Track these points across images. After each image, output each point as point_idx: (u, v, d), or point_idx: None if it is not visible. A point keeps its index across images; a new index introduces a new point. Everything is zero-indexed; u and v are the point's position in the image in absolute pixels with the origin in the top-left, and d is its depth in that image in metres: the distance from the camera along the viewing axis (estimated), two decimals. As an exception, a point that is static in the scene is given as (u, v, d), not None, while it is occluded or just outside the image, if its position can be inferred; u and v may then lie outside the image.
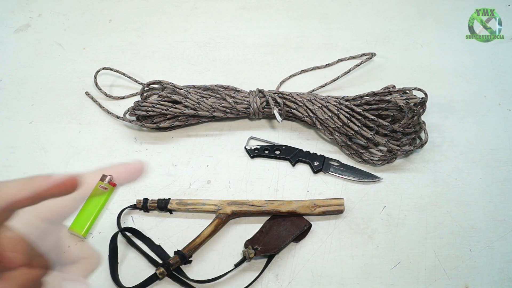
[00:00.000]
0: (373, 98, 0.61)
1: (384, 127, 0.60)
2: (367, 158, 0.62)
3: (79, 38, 0.78)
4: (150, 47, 0.77)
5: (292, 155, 0.64)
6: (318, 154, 0.64)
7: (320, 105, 0.62)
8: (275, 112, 0.62)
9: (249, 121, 0.68)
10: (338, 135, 0.62)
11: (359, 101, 0.62)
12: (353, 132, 0.61)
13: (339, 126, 0.61)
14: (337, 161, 0.64)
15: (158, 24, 0.79)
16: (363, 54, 0.71)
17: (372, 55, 0.71)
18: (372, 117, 0.60)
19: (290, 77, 0.72)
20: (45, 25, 0.80)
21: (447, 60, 0.73)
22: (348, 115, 0.61)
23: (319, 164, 0.63)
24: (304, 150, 0.64)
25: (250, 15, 0.80)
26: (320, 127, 0.63)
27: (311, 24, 0.78)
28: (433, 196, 0.61)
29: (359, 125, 0.60)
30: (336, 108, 0.62)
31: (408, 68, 0.72)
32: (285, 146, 0.64)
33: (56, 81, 0.73)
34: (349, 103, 0.62)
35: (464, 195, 0.61)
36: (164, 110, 0.64)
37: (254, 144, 0.65)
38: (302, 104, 0.63)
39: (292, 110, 0.64)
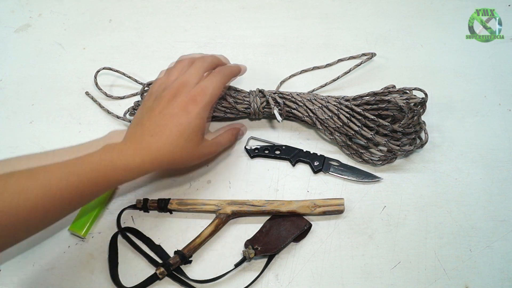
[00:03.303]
0: (373, 98, 0.61)
1: (384, 127, 0.60)
2: (367, 158, 0.62)
3: (79, 38, 0.78)
4: (150, 47, 0.77)
5: (292, 155, 0.64)
6: (318, 154, 0.64)
7: (320, 105, 0.62)
8: (275, 112, 0.62)
9: (249, 121, 0.68)
10: (338, 135, 0.62)
11: (359, 101, 0.62)
12: (353, 132, 0.61)
13: (339, 126, 0.61)
14: (337, 161, 0.64)
15: (158, 24, 0.79)
16: (363, 54, 0.71)
17: (372, 55, 0.71)
18: (372, 117, 0.60)
19: (290, 77, 0.72)
20: (45, 25, 0.80)
21: (447, 60, 0.73)
22: (348, 115, 0.61)
23: (319, 164, 0.63)
24: (304, 150, 0.64)
25: (250, 15, 0.80)
26: (320, 127, 0.63)
27: (311, 24, 0.78)
28: (433, 196, 0.61)
29: (359, 125, 0.60)
30: (336, 108, 0.62)
31: (408, 68, 0.72)
32: (285, 146, 0.64)
33: (56, 81, 0.73)
34: (349, 103, 0.62)
35: (464, 195, 0.61)
36: None
37: (254, 144, 0.65)
38: (302, 104, 0.63)
39: (292, 110, 0.64)
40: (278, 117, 0.63)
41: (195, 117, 0.54)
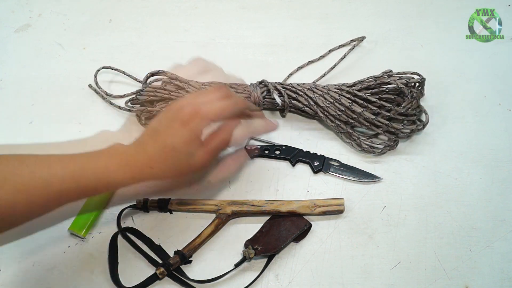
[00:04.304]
0: (374, 82, 0.62)
1: (386, 109, 0.60)
2: (366, 147, 0.62)
3: (79, 38, 0.78)
4: (150, 47, 0.77)
5: (292, 155, 0.64)
6: (318, 154, 0.64)
7: (320, 93, 0.63)
8: (275, 95, 0.63)
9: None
10: (339, 122, 0.62)
11: (360, 86, 0.63)
12: (355, 116, 0.61)
13: (340, 112, 0.61)
14: (337, 161, 0.64)
15: (158, 24, 0.79)
16: (352, 40, 0.72)
17: (362, 38, 0.72)
18: (374, 99, 0.60)
19: (288, 76, 0.71)
20: (45, 25, 0.80)
21: (447, 60, 0.73)
22: (350, 101, 0.61)
23: (319, 164, 0.63)
24: (304, 150, 0.64)
25: (250, 15, 0.80)
26: (321, 115, 0.62)
27: (311, 24, 0.78)
28: (433, 196, 0.61)
29: (362, 108, 0.61)
30: (338, 94, 0.62)
31: (408, 68, 0.72)
32: (285, 146, 0.64)
33: (56, 81, 0.73)
34: (350, 89, 0.62)
35: (464, 195, 0.61)
36: (166, 95, 0.63)
37: (254, 144, 0.65)
38: (302, 93, 0.63)
39: (293, 101, 0.64)
40: (278, 100, 0.63)
41: (198, 160, 0.50)
